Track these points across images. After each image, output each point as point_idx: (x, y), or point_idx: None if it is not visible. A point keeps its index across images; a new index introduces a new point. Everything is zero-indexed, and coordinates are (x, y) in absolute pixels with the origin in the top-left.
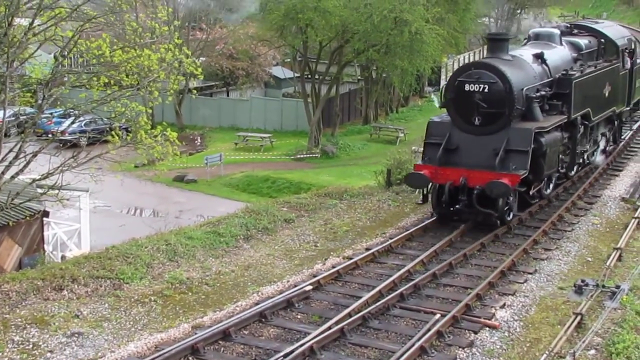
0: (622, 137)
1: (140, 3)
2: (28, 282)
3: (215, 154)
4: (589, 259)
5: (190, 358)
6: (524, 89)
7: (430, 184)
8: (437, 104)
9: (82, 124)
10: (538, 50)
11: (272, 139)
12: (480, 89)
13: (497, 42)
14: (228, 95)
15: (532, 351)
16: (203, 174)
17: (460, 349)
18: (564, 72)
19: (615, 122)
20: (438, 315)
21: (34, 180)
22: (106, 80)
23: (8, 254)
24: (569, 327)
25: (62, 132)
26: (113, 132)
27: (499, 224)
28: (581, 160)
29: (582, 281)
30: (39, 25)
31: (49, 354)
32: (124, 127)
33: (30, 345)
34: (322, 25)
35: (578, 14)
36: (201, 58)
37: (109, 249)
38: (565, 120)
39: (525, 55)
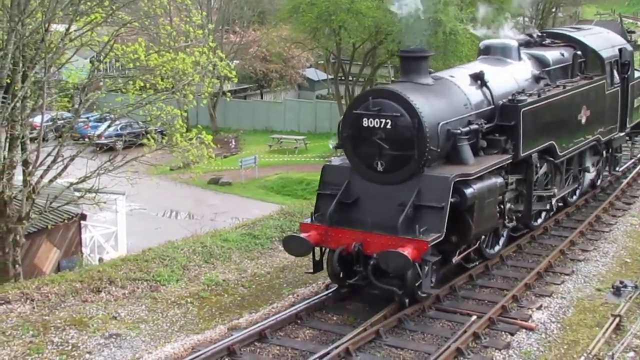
0: (619, 168)
1: (175, 7)
2: (67, 284)
3: (250, 156)
4: (628, 260)
5: (226, 359)
6: (442, 122)
7: (318, 249)
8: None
9: (118, 128)
10: (477, 69)
11: (306, 141)
12: (382, 125)
13: (410, 61)
14: (262, 98)
15: (570, 353)
16: (238, 177)
17: (497, 351)
18: (510, 98)
19: (604, 153)
20: (474, 317)
21: (71, 184)
22: (141, 84)
23: (47, 257)
24: (607, 329)
25: (99, 136)
26: (148, 136)
27: (407, 303)
28: (548, 206)
29: (621, 282)
30: (75, 30)
31: (87, 355)
32: (159, 130)
33: (70, 347)
34: (356, 27)
35: (614, 12)
36: (235, 61)
37: (146, 251)
38: (510, 161)
39: (458, 76)
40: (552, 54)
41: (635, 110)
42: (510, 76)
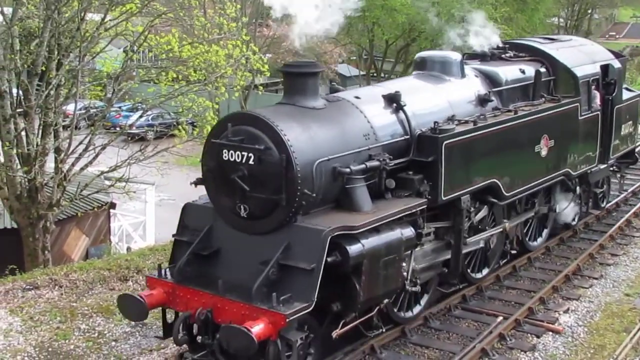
0: (605, 204)
1: None
2: (95, 272)
3: None
4: None
5: None
6: (322, 159)
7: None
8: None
9: (150, 118)
10: (397, 88)
11: None
12: (244, 160)
13: (294, 78)
14: None
15: (596, 358)
16: None
17: (522, 353)
18: (431, 127)
19: (578, 189)
20: (500, 318)
21: (102, 173)
22: (174, 75)
23: (76, 244)
24: (634, 335)
25: (130, 126)
26: (180, 127)
27: None
28: (492, 253)
29: None
30: (110, 20)
31: (113, 343)
32: (190, 121)
33: (96, 334)
34: (389, 24)
35: None
36: (267, 54)
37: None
38: (424, 207)
39: (366, 97)
40: (507, 71)
41: (623, 139)
42: (443, 98)
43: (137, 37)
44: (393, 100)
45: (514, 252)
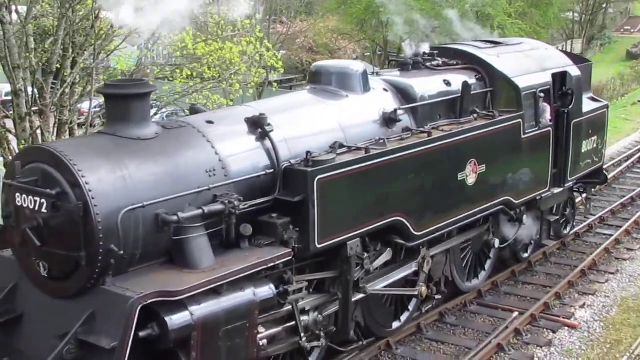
0: (568, 231)
1: None
2: None
3: None
4: None
5: None
6: (136, 206)
7: None
8: None
9: (164, 116)
10: (265, 109)
11: None
12: (37, 207)
13: (116, 102)
14: None
15: (612, 353)
16: None
17: (538, 348)
18: (305, 158)
19: (525, 219)
20: (516, 313)
21: None
22: (189, 73)
23: None
24: None
25: None
26: None
27: None
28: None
29: None
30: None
31: None
32: None
33: None
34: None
35: None
36: (281, 51)
37: None
38: (288, 258)
39: (221, 121)
40: (426, 83)
41: (585, 157)
42: (333, 118)
43: (151, 34)
44: (257, 124)
45: (438, 297)
